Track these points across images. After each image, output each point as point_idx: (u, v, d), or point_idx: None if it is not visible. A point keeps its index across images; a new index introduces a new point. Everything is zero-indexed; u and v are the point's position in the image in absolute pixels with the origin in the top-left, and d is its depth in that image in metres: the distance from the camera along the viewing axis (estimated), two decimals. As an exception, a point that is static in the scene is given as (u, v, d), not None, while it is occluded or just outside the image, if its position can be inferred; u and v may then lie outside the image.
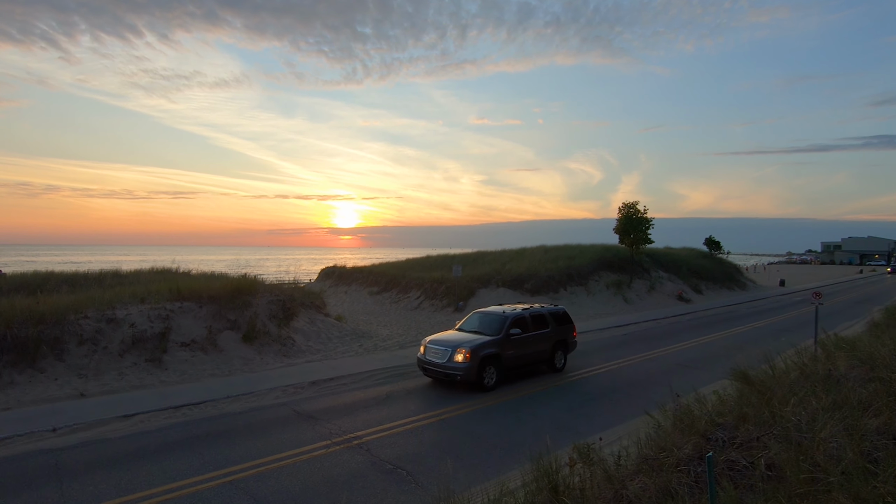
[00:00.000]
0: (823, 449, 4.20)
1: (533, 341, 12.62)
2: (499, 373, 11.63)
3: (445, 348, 11.45)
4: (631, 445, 5.99)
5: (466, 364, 11.08)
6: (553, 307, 14.06)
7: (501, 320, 12.37)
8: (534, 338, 12.66)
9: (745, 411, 5.37)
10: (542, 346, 12.90)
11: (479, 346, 11.35)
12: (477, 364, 11.11)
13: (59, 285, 16.98)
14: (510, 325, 12.17)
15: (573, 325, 14.16)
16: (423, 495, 6.48)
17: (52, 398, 10.53)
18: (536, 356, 12.83)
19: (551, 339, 13.17)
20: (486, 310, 13.44)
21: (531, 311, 13.12)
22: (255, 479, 7.02)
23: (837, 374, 6.18)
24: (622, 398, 11.05)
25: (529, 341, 12.51)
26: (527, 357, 12.55)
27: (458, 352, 11.22)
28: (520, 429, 9.08)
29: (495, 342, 11.70)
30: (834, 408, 4.86)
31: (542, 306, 13.84)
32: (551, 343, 13.16)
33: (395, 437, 8.69)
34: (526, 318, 12.70)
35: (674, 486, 4.43)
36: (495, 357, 11.58)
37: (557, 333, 13.39)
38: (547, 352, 13.08)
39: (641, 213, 31.43)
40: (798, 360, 7.56)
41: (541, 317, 13.21)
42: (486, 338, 11.77)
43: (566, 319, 14.01)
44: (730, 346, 16.42)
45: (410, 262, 38.59)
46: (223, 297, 15.43)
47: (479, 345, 11.39)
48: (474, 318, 13.14)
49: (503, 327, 12.09)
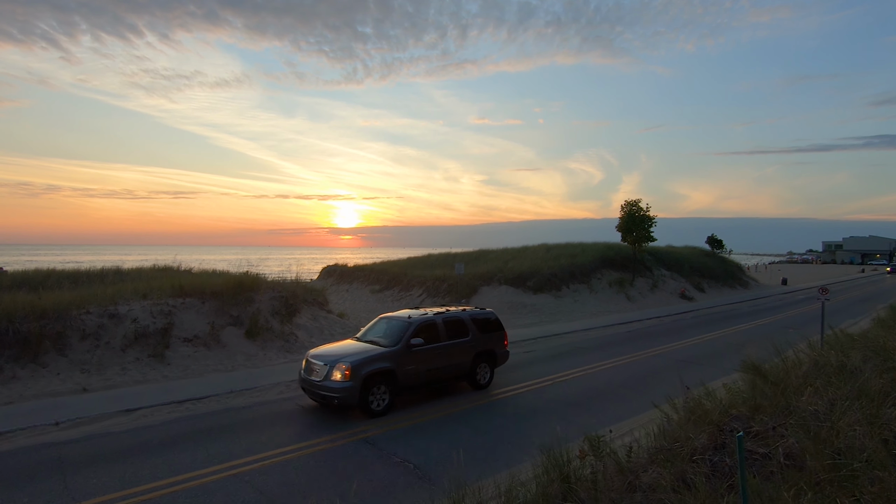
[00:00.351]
0: (844, 438, 4.11)
1: (445, 353, 10.51)
2: (393, 393, 9.54)
3: (324, 363, 9.31)
4: (642, 437, 5.91)
5: (345, 384, 8.93)
6: (478, 311, 11.93)
7: (402, 328, 10.29)
8: (447, 349, 10.55)
9: (760, 402, 5.29)
10: (460, 358, 10.77)
11: (363, 361, 9.27)
12: (360, 383, 8.99)
13: (60, 282, 16.90)
14: (412, 333, 10.07)
15: (504, 332, 12.08)
16: (431, 488, 6.41)
17: (54, 393, 10.46)
18: (452, 371, 10.68)
19: (472, 349, 11.03)
20: (391, 314, 11.39)
21: (445, 316, 11.01)
22: (260, 473, 6.94)
23: (851, 366, 6.09)
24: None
25: (440, 353, 10.41)
26: (437, 372, 10.39)
27: (336, 368, 9.09)
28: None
29: (390, 355, 9.64)
30: (851, 397, 4.78)
31: (464, 309, 11.78)
32: (472, 354, 11.01)
33: (401, 431, 8.62)
34: (436, 325, 10.61)
35: (690, 475, 4.35)
36: (387, 374, 9.47)
37: (480, 343, 11.25)
38: (466, 365, 10.93)
39: (644, 210, 31.32)
40: (810, 352, 7.48)
41: (458, 323, 11.10)
42: (378, 350, 9.77)
43: (494, 326, 11.87)
44: (735, 343, 16.33)
45: (412, 261, 38.56)
46: (225, 293, 15.37)
47: (364, 359, 9.32)
48: (378, 325, 11.08)
49: (402, 337, 10.01)
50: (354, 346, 10.17)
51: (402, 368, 9.72)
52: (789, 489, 3.48)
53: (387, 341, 10.14)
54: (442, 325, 10.72)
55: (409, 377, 9.86)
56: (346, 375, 9.03)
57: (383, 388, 9.42)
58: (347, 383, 8.97)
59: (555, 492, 4.88)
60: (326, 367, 9.25)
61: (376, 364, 9.39)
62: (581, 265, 29.80)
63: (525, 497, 4.87)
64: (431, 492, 6.24)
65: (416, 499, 6.17)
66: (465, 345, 10.93)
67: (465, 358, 10.90)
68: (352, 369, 9.08)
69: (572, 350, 15.96)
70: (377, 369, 9.33)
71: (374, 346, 10.00)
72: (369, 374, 9.18)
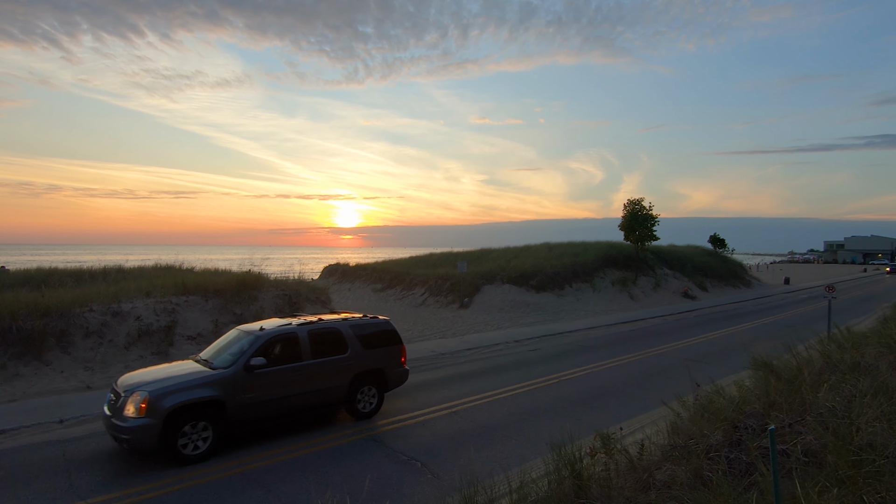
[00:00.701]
0: (864, 434, 4.04)
1: (308, 375, 8.29)
2: (221, 432, 7.35)
3: (124, 391, 7.18)
4: (653, 435, 5.85)
5: (139, 421, 6.78)
6: (365, 319, 9.63)
7: (244, 344, 8.12)
8: (310, 369, 8.33)
9: (775, 399, 5.22)
10: (332, 380, 8.60)
11: (169, 390, 7.06)
12: (161, 420, 6.83)
13: (63, 280, 16.86)
14: (254, 351, 7.87)
15: (401, 346, 9.82)
16: (439, 485, 6.35)
17: (58, 390, 10.42)
18: (318, 398, 8.45)
19: (350, 369, 8.83)
20: (247, 326, 9.01)
21: (313, 327, 8.73)
22: (267, 471, 6.89)
23: (866, 363, 6.02)
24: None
25: (300, 375, 8.21)
26: (296, 401, 8.16)
27: (131, 399, 6.94)
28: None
29: (218, 381, 7.44)
30: (870, 394, 4.71)
31: (346, 318, 9.54)
32: (350, 376, 8.81)
33: (407, 429, 8.56)
34: (296, 339, 8.39)
35: (707, 472, 4.28)
36: (211, 406, 7.30)
37: (364, 360, 9.06)
38: (342, 389, 8.72)
39: (647, 209, 31.24)
40: (822, 349, 7.41)
41: (332, 335, 8.87)
42: (202, 374, 7.54)
43: (386, 338, 9.61)
44: (740, 342, 16.24)
45: (414, 260, 38.49)
46: (229, 291, 15.33)
47: (171, 387, 7.11)
48: (226, 340, 8.79)
49: (240, 356, 7.84)
50: (179, 369, 7.89)
51: (238, 398, 7.53)
52: (813, 486, 3.41)
53: (220, 362, 7.93)
54: (306, 339, 8.49)
55: (250, 409, 7.66)
56: (140, 409, 6.81)
57: (202, 425, 7.17)
58: (142, 420, 6.77)
59: (567, 489, 4.81)
60: (123, 396, 7.10)
61: (192, 393, 7.15)
62: (584, 264, 29.73)
63: (537, 494, 4.81)
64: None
65: None
66: (341, 363, 8.75)
67: (340, 380, 8.70)
68: (149, 401, 6.85)
69: (577, 349, 15.89)
70: (191, 400, 7.09)
71: (201, 369, 7.75)
72: (177, 408, 6.97)
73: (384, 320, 9.96)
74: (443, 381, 11.70)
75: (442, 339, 17.34)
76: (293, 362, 8.23)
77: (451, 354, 14.82)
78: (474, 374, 12.49)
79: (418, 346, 15.69)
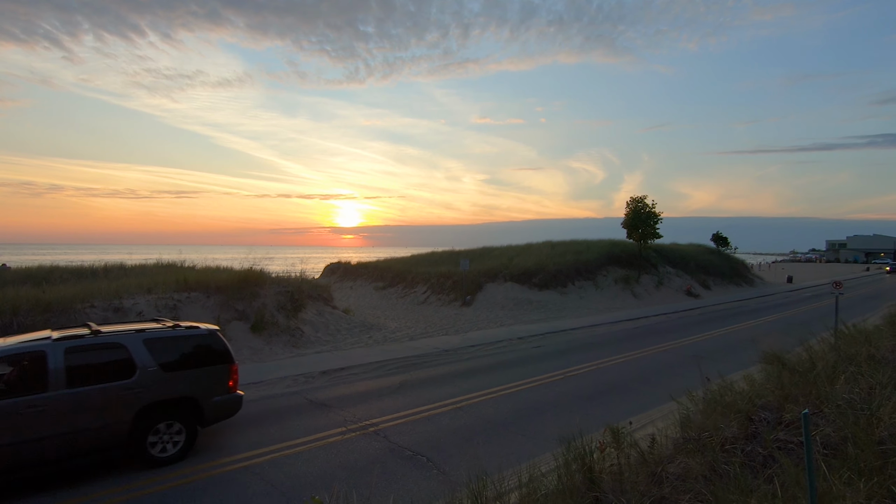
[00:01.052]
0: (885, 426, 3.93)
1: (54, 411, 6.01)
2: None
3: None
4: (664, 429, 5.74)
5: None
6: (168, 331, 7.20)
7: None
8: (58, 404, 6.03)
9: (790, 391, 5.11)
10: (102, 417, 6.32)
11: None
12: None
13: (64, 277, 16.80)
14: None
15: (230, 364, 7.56)
16: (445, 480, 6.24)
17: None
18: (77, 442, 6.14)
19: (135, 399, 6.58)
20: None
21: (74, 343, 6.38)
22: (270, 465, 6.79)
23: (880, 356, 5.90)
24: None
25: (38, 412, 5.91)
26: (33, 448, 5.87)
27: None
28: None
29: None
30: (890, 386, 4.59)
31: (142, 329, 7.07)
32: (135, 409, 6.56)
33: (412, 424, 8.46)
34: (40, 360, 6.14)
35: (723, 465, 4.17)
36: None
37: (161, 386, 6.81)
38: (121, 429, 6.46)
39: (650, 207, 31.09)
40: (833, 343, 7.29)
41: (107, 353, 6.58)
42: None
43: (204, 356, 7.33)
44: (745, 339, 16.12)
45: (416, 258, 38.39)
46: (231, 287, 15.24)
47: None
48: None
49: None
50: None
51: None
52: (837, 478, 3.30)
53: None
54: (59, 360, 6.17)
55: None
56: None
57: None
58: None
59: (578, 483, 4.71)
60: None
61: None
62: (586, 262, 29.62)
63: (547, 488, 4.71)
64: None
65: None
66: (118, 393, 6.46)
67: (117, 415, 6.43)
68: None
69: (581, 346, 15.78)
70: None
71: None
72: None
73: (205, 331, 7.52)
74: (446, 378, 11.60)
75: (445, 336, 17.23)
76: (31, 394, 5.95)
77: (454, 351, 14.71)
78: (478, 370, 12.38)
79: (421, 343, 15.62)
